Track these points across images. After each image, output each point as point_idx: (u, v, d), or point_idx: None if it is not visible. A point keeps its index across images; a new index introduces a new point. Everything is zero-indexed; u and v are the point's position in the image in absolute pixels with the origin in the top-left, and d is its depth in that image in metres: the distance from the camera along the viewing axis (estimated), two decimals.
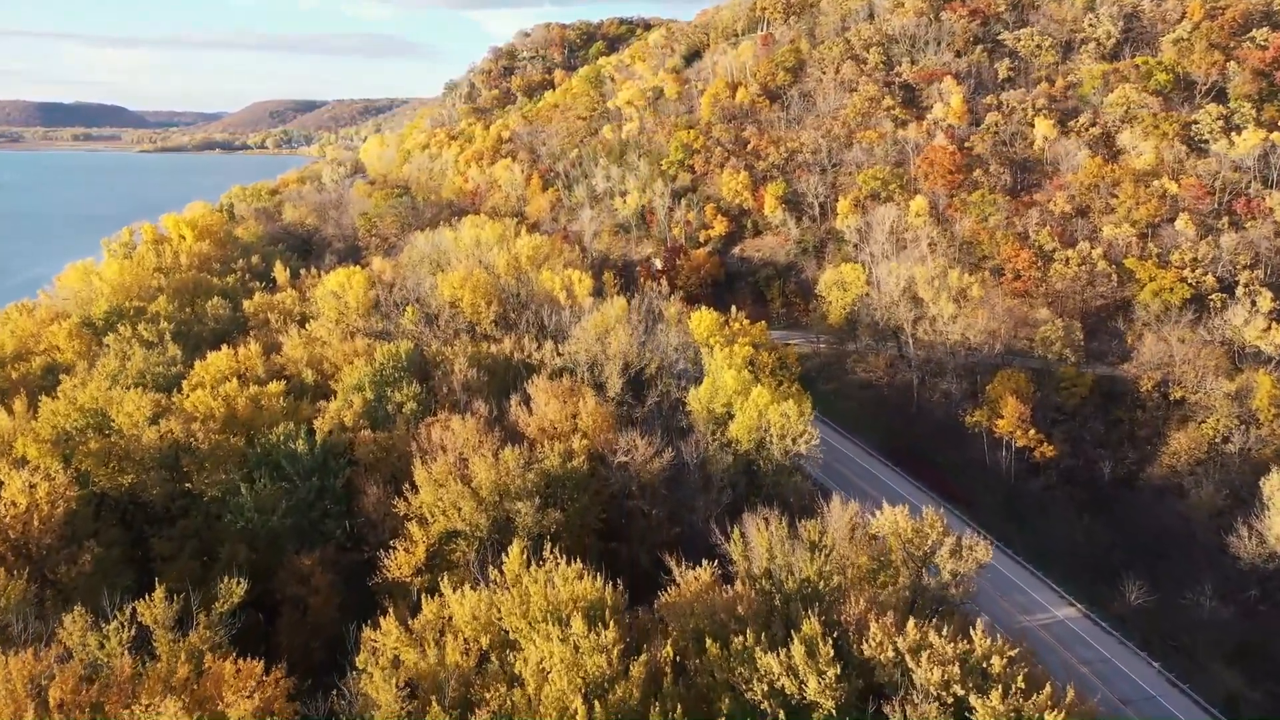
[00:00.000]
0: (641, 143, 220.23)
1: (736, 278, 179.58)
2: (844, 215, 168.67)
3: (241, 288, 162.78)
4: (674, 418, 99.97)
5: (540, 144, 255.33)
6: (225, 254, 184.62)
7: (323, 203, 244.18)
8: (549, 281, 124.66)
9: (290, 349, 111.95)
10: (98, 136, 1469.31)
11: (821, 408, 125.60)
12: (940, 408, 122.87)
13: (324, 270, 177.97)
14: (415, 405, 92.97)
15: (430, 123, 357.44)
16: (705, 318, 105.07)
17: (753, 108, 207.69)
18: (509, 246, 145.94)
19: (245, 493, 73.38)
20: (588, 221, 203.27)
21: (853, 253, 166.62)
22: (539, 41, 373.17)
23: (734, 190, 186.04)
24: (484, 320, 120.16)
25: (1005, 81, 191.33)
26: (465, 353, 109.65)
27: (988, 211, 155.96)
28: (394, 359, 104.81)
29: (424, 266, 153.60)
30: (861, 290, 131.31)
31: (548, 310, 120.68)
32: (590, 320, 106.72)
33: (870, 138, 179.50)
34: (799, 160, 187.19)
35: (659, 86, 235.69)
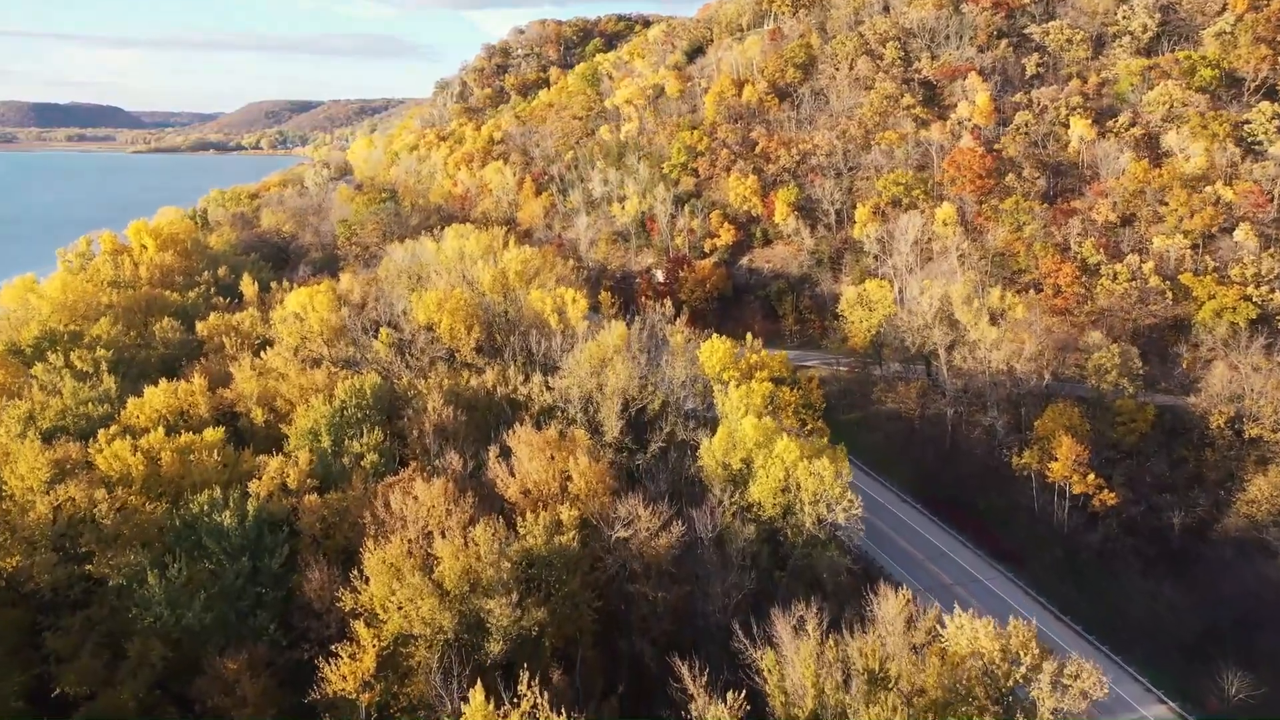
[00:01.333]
0: (641, 144, 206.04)
1: (745, 291, 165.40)
2: (863, 223, 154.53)
3: (204, 304, 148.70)
4: (682, 464, 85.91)
5: (534, 145, 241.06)
6: (190, 265, 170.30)
7: (302, 208, 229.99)
8: (539, 302, 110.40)
9: (241, 382, 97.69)
10: (92, 137, 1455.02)
11: (844, 442, 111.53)
12: (981, 444, 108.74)
13: (296, 283, 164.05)
14: (377, 458, 78.70)
15: (420, 123, 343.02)
16: (717, 348, 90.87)
17: (761, 107, 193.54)
18: (496, 259, 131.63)
19: (153, 581, 59.04)
20: (584, 229, 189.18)
21: (873, 264, 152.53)
22: (534, 38, 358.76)
23: (742, 196, 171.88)
24: (464, 347, 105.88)
25: (1033, 78, 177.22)
26: (441, 387, 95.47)
27: (1022, 220, 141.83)
28: (357, 396, 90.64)
29: (402, 282, 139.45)
30: (889, 310, 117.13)
31: (537, 335, 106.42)
32: (584, 351, 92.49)
33: (890, 139, 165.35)
34: (812, 163, 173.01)
35: (660, 84, 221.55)
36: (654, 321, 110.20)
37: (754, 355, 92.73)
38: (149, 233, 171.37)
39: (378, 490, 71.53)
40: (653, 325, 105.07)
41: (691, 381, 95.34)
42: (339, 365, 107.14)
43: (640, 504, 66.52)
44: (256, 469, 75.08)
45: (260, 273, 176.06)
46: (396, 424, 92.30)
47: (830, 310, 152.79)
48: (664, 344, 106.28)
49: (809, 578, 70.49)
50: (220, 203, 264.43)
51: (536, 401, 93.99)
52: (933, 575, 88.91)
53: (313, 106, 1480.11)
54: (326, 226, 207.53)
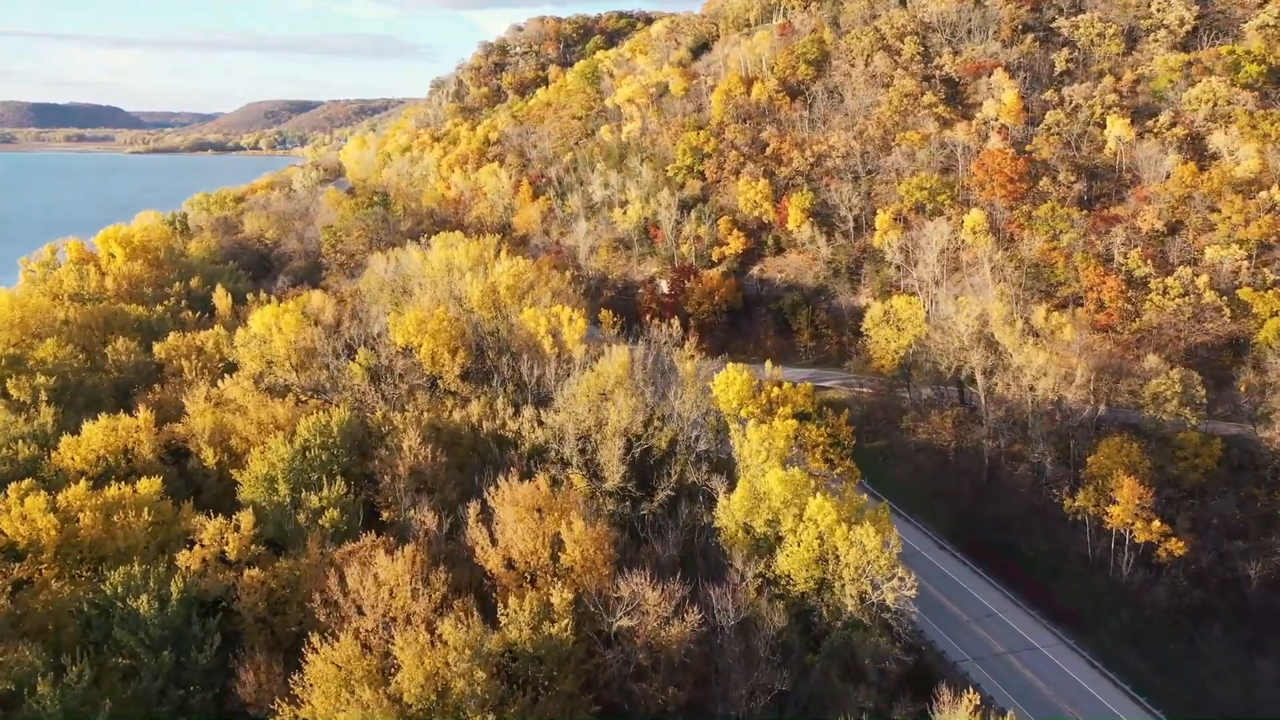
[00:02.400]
0: (644, 145, 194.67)
1: (756, 303, 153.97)
2: (883, 231, 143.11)
3: (172, 319, 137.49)
4: (694, 515, 74.69)
5: (531, 147, 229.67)
6: (162, 275, 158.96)
7: (287, 212, 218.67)
8: (531, 322, 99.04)
9: (194, 416, 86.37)
10: (91, 137, 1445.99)
11: (869, 475, 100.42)
12: (1025, 481, 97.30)
13: (274, 294, 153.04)
14: (338, 515, 67.36)
15: (415, 123, 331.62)
16: (734, 380, 79.43)
17: (771, 105, 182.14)
18: (486, 272, 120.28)
19: (44, 689, 47.70)
20: (583, 236, 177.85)
21: (895, 276, 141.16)
22: (532, 36, 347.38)
23: (752, 201, 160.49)
24: (448, 374, 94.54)
25: (1063, 75, 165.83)
26: (419, 422, 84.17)
27: (1059, 228, 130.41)
28: (323, 434, 79.39)
29: (384, 295, 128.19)
30: (919, 329, 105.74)
31: (529, 360, 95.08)
32: (582, 383, 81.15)
33: (911, 140, 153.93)
34: (828, 166, 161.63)
35: (663, 82, 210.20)
36: (660, 344, 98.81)
37: (774, 388, 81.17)
38: (118, 240, 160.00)
39: (335, 558, 60.28)
40: (660, 351, 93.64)
41: (704, 415, 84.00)
42: (308, 394, 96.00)
43: (647, 581, 55.12)
44: (194, 530, 63.72)
45: (237, 283, 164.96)
46: (368, 464, 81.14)
47: (849, 325, 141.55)
48: (671, 370, 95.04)
49: (847, 661, 59.26)
50: (204, 206, 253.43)
51: (527, 439, 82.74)
52: (981, 641, 77.55)
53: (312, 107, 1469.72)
54: (311, 232, 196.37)
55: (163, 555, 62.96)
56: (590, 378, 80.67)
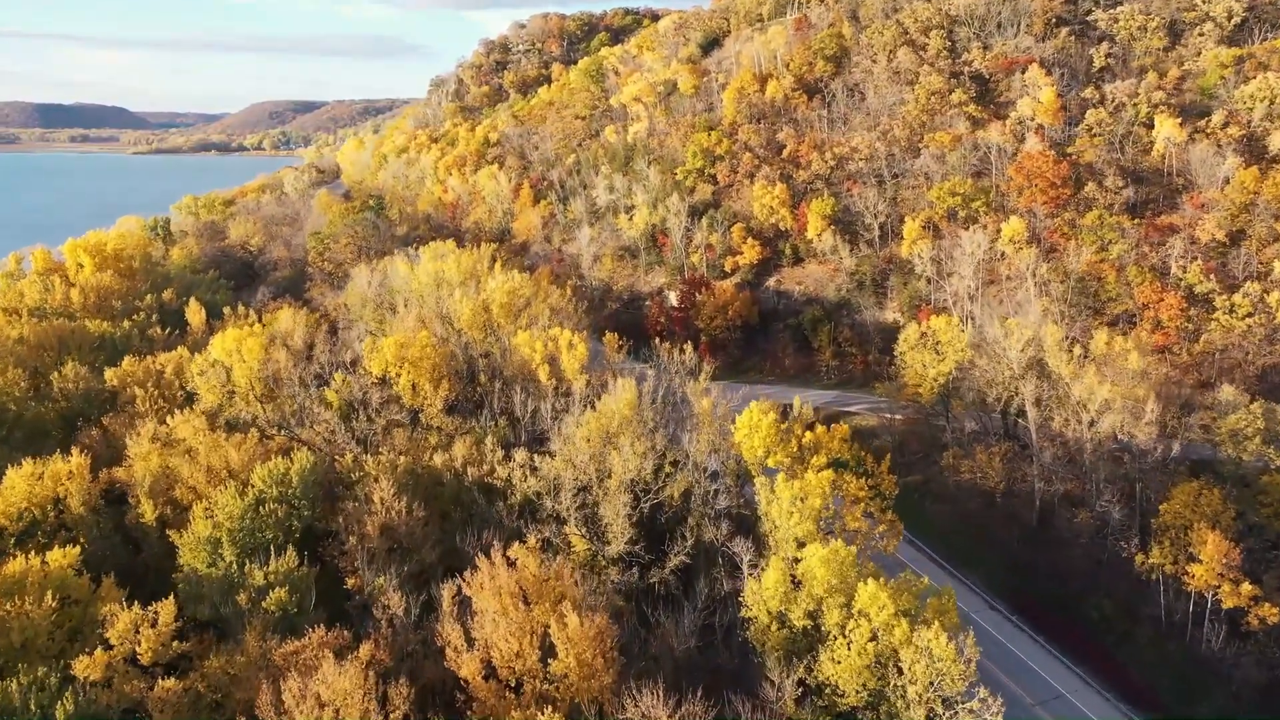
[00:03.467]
0: (651, 147, 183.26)
1: (772, 318, 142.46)
2: (912, 240, 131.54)
3: (139, 336, 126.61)
4: (713, 584, 63.44)
5: (532, 148, 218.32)
6: (134, 287, 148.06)
7: (275, 217, 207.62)
8: (526, 347, 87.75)
9: (136, 460, 75.23)
10: (96, 138, 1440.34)
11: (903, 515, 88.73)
12: (1086, 530, 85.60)
13: (254, 307, 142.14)
14: (285, 595, 56.05)
15: (414, 123, 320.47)
16: (760, 424, 67.90)
17: (787, 104, 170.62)
18: (479, 287, 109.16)
19: None
20: (586, 243, 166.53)
21: (925, 289, 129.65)
22: (535, 33, 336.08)
23: (768, 207, 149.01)
24: (430, 408, 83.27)
25: (1102, 71, 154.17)
26: (393, 468, 72.92)
27: (1108, 238, 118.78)
28: (280, 485, 68.25)
29: (367, 312, 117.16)
30: (961, 355, 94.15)
31: (522, 392, 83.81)
32: (583, 425, 69.83)
33: (941, 141, 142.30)
34: (849, 169, 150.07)
35: (671, 79, 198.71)
36: (672, 373, 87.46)
37: (807, 432, 69.57)
38: (87, 249, 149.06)
39: (276, 659, 49.04)
40: (670, 381, 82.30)
41: (723, 456, 72.60)
42: (275, 429, 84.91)
43: (659, 699, 43.74)
44: (108, 620, 52.50)
45: (215, 294, 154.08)
46: (334, 519, 69.98)
47: (875, 343, 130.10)
48: (684, 402, 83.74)
49: None
50: (192, 210, 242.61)
51: (518, 489, 71.43)
52: None
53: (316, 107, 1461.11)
54: (300, 239, 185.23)
55: (73, 646, 51.92)
56: (591, 419, 69.35)
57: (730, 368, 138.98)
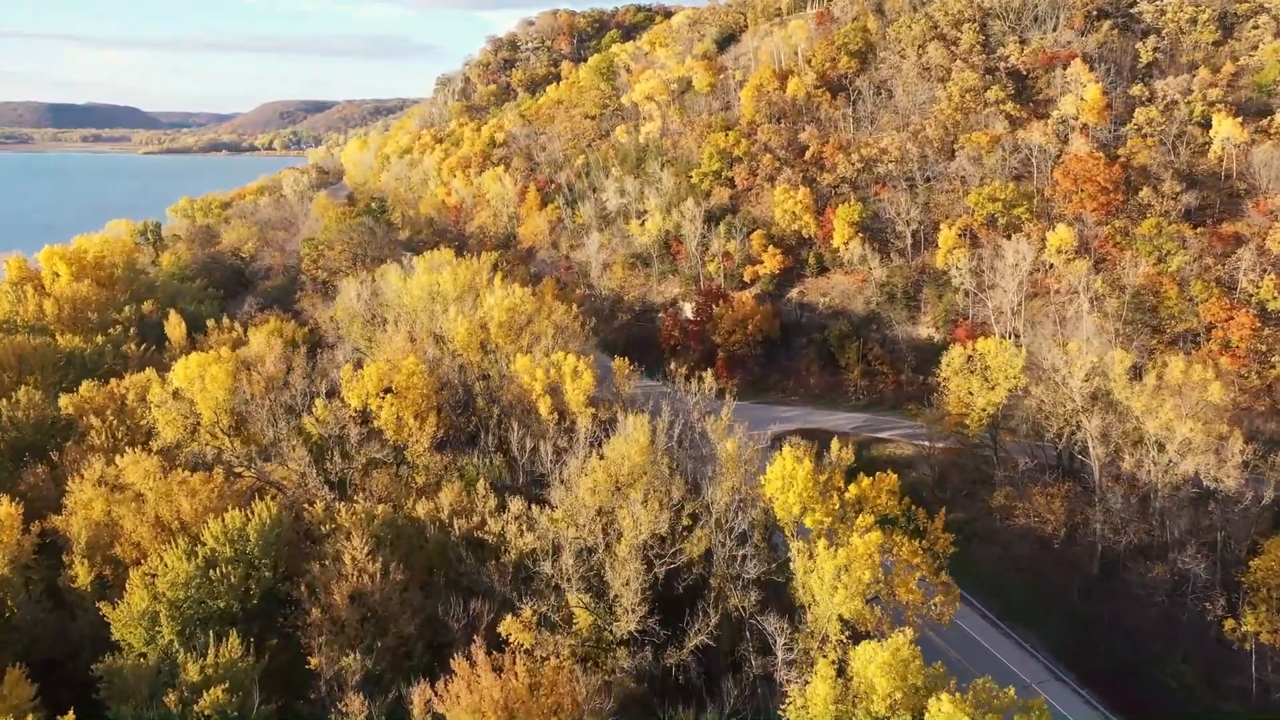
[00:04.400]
0: (664, 148, 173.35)
1: (795, 332, 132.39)
2: (947, 249, 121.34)
3: (113, 352, 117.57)
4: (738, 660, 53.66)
5: (539, 149, 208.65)
6: (113, 297, 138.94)
7: (269, 221, 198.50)
8: (525, 375, 77.99)
9: (75, 509, 65.72)
10: (107, 138, 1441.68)
11: None
12: (1161, 586, 75.32)
13: (238, 320, 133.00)
14: (224, 694, 46.35)
15: (419, 123, 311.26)
16: (795, 476, 57.72)
17: (809, 102, 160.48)
18: (477, 302, 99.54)
19: None
20: (595, 250, 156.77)
21: (962, 303, 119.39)
22: (544, 30, 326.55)
23: (790, 212, 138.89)
24: (416, 445, 73.56)
25: (1149, 67, 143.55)
26: (369, 520, 63.22)
27: (1166, 248, 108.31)
28: (236, 543, 58.70)
29: (355, 328, 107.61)
30: (1015, 382, 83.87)
31: (520, 427, 74.02)
32: (589, 475, 59.99)
33: (978, 142, 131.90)
34: (878, 172, 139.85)
35: (686, 77, 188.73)
36: (690, 403, 77.55)
37: (851, 487, 59.39)
38: (63, 257, 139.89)
39: None
40: (687, 416, 72.40)
41: (751, 512, 62.60)
42: (244, 466, 75.43)
43: None
44: None
45: (201, 305, 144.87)
46: (298, 581, 60.33)
47: (908, 360, 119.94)
48: (703, 438, 73.77)
49: None
50: (188, 213, 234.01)
51: (513, 546, 61.61)
52: None
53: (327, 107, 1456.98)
54: (295, 245, 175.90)
55: None
56: (598, 468, 59.46)
57: (750, 386, 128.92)
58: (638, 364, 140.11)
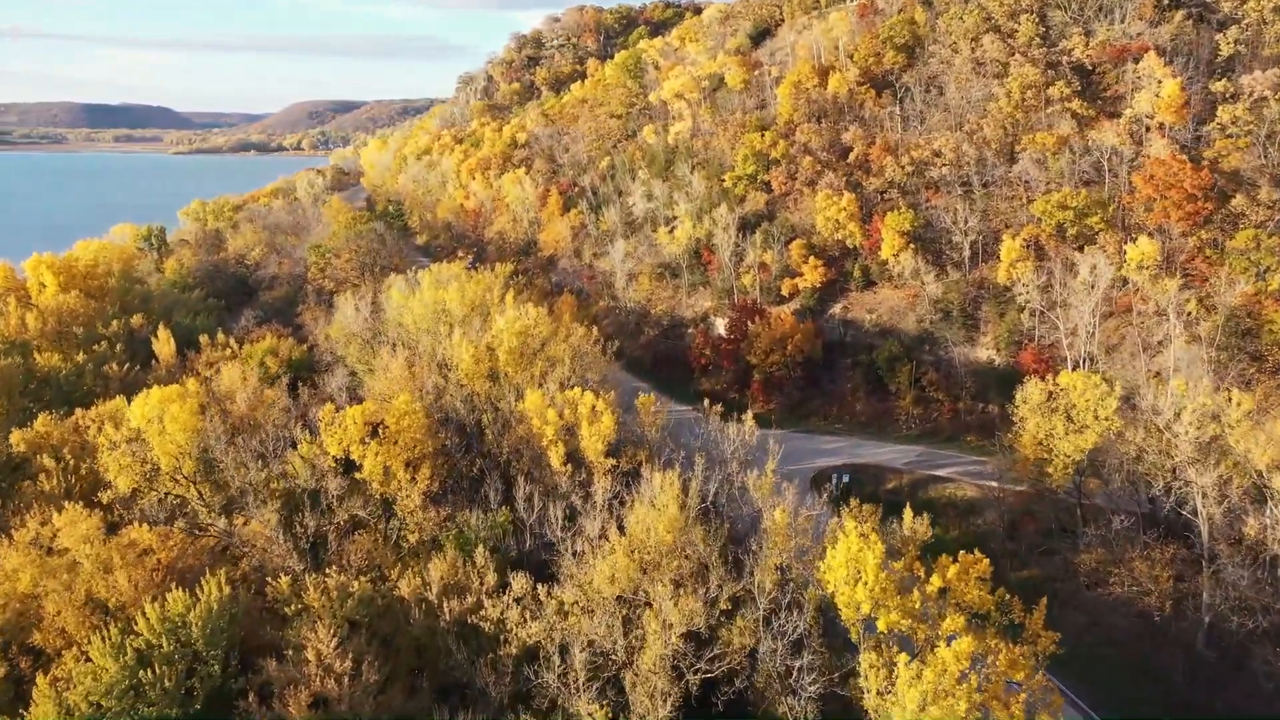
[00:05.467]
0: (695, 149, 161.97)
1: (838, 352, 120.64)
2: (1010, 262, 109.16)
3: (94, 372, 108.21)
4: None
5: (562, 150, 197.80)
6: (104, 309, 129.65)
7: (279, 225, 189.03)
8: (536, 417, 66.90)
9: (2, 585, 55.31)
10: (140, 138, 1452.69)
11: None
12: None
13: (234, 335, 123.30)
14: None
15: (439, 123, 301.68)
16: (863, 558, 46.11)
17: (852, 100, 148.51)
18: (488, 322, 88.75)
19: None
20: (620, 259, 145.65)
21: (1027, 322, 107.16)
22: (570, 27, 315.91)
23: (833, 220, 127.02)
24: (407, 500, 62.67)
25: (1229, 60, 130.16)
26: (343, 600, 52.44)
27: (1266, 264, 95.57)
28: (177, 634, 48.05)
29: (352, 350, 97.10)
30: (1108, 425, 71.79)
31: (527, 481, 62.97)
32: (606, 557, 48.81)
33: (1044, 143, 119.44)
34: (930, 176, 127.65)
35: (718, 73, 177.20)
36: (726, 449, 66.18)
37: (934, 578, 47.63)
38: (50, 266, 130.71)
39: None
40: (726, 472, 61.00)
41: (807, 606, 51.11)
42: (213, 518, 65.03)
43: None
44: None
45: (196, 318, 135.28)
46: (250, 682, 49.60)
47: (966, 386, 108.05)
48: (743, 493, 62.53)
49: None
50: (199, 216, 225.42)
51: (515, 636, 50.52)
52: None
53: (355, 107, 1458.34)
54: (303, 251, 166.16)
55: None
56: (618, 551, 48.20)
57: (788, 411, 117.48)
58: (665, 384, 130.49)
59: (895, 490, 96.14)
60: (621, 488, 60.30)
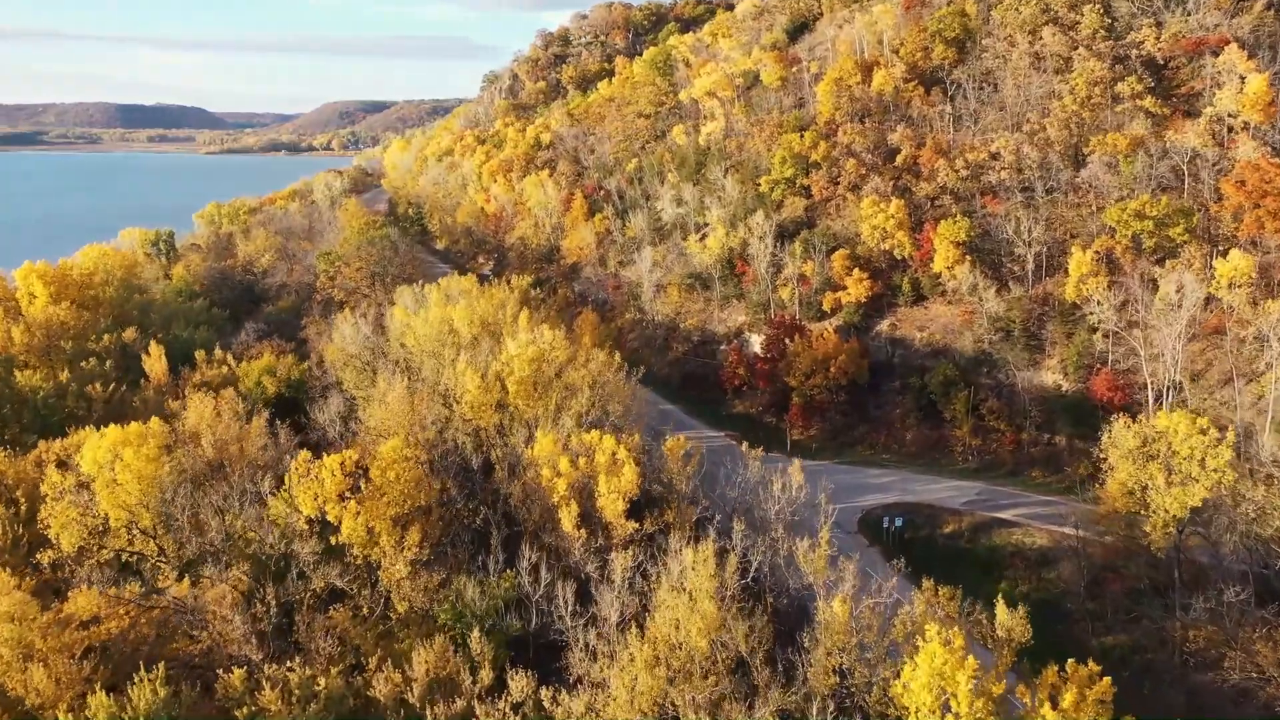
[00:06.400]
0: (729, 151, 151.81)
1: (885, 374, 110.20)
2: (1080, 277, 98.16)
3: (76, 393, 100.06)
4: None
5: (588, 151, 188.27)
6: (96, 321, 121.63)
7: (292, 230, 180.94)
8: (547, 469, 57.19)
9: None
10: (173, 138, 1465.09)
11: None
12: None
13: (232, 351, 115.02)
14: None
15: (463, 122, 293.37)
16: (951, 679, 36.04)
17: (899, 98, 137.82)
18: (499, 346, 79.32)
19: None
20: (647, 269, 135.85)
21: (1100, 344, 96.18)
22: (598, 24, 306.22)
23: (879, 228, 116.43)
24: (393, 567, 53.22)
25: None
26: (305, 701, 43.00)
27: None
28: None
29: (349, 373, 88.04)
30: (1220, 478, 61.10)
31: (534, 546, 53.33)
32: (626, 670, 39.01)
33: (1116, 145, 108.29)
34: (988, 181, 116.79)
35: (753, 70, 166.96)
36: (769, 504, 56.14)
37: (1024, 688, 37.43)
38: (41, 276, 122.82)
39: None
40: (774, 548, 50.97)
41: None
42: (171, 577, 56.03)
43: None
44: None
45: (197, 331, 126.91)
46: None
47: (1031, 415, 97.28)
48: (789, 561, 52.62)
49: None
50: (214, 219, 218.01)
51: None
52: None
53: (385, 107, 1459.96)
54: (313, 259, 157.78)
55: None
56: (639, 661, 38.40)
57: (830, 438, 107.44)
58: (695, 406, 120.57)
59: (954, 535, 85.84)
60: (645, 557, 50.54)
